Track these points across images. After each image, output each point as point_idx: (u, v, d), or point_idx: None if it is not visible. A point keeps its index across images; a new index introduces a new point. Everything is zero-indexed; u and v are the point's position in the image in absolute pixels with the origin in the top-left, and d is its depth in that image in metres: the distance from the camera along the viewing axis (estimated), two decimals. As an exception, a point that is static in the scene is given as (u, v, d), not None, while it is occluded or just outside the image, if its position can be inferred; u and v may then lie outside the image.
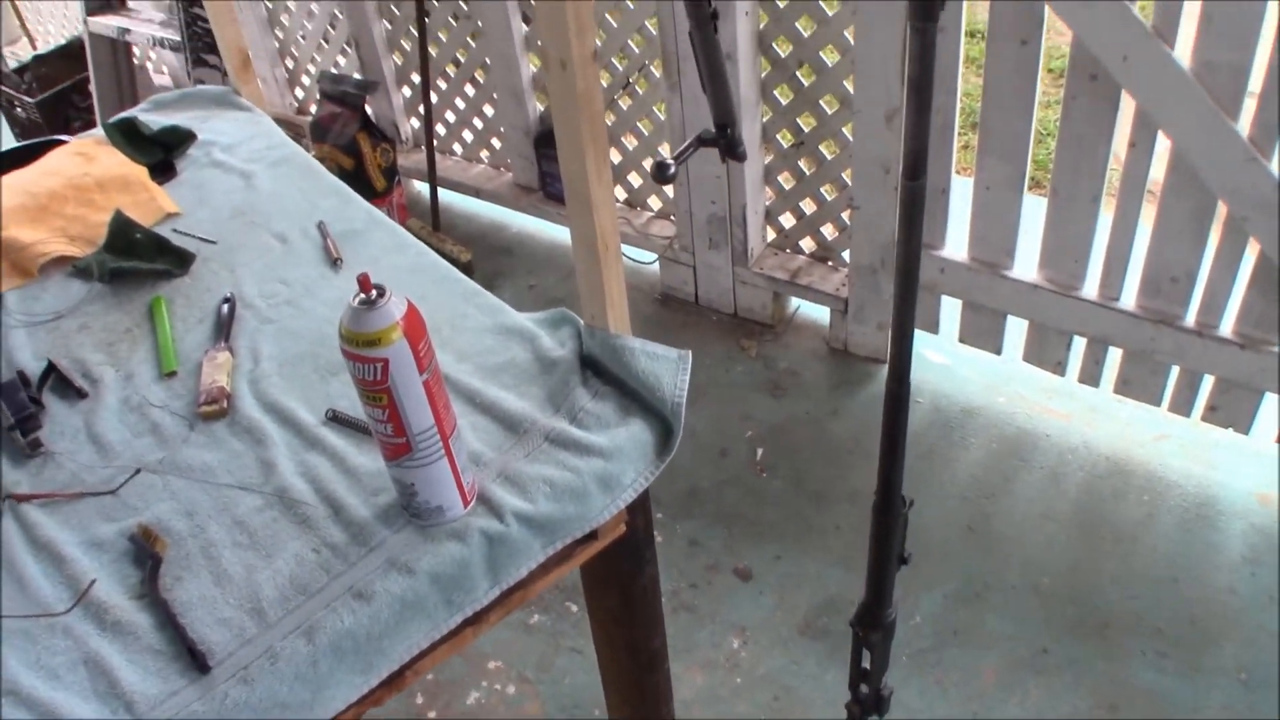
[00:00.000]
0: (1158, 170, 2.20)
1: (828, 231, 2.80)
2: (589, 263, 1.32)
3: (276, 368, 1.57)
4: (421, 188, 3.45)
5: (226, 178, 2.02)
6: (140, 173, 2.06)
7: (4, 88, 4.06)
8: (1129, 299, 2.41)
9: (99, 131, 2.22)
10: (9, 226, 1.96)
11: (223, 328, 1.65)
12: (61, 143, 2.23)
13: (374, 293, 1.14)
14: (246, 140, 2.10)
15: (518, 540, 1.29)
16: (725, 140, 1.31)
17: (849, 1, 2.37)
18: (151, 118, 2.23)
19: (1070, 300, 2.45)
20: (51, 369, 1.66)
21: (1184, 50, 2.03)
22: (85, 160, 2.11)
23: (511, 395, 1.44)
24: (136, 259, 1.83)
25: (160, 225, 1.93)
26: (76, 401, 1.60)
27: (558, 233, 3.24)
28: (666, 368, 1.40)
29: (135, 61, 3.62)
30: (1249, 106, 2.03)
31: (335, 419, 1.46)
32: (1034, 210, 2.44)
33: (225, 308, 1.69)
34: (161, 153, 2.11)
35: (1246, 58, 1.97)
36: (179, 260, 1.82)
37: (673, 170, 1.24)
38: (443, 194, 3.23)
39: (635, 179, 3.03)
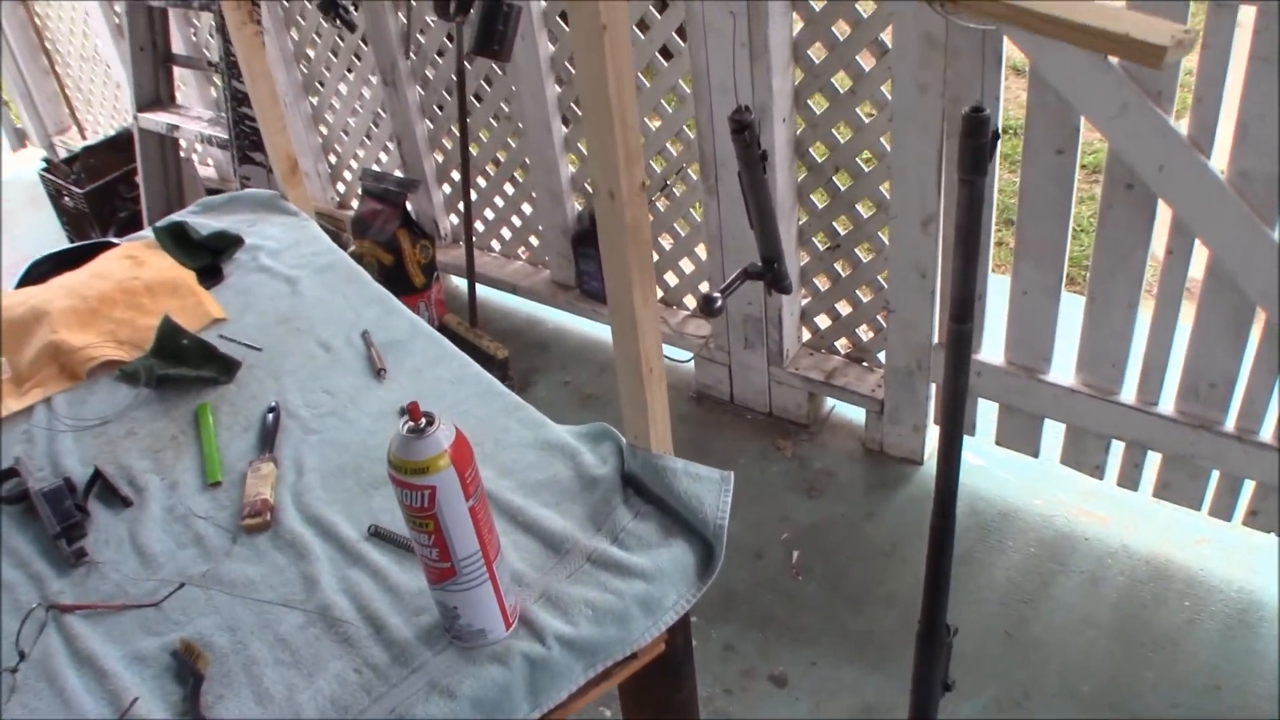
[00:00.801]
0: (1197, 268, 2.20)
1: (863, 333, 2.81)
2: (633, 384, 1.33)
3: (319, 480, 1.58)
4: (460, 283, 3.49)
5: (273, 283, 2.05)
6: (188, 277, 2.10)
7: (53, 177, 4.16)
8: (1168, 403, 2.39)
9: (148, 234, 2.26)
10: (59, 329, 2.00)
11: (267, 438, 1.67)
12: (112, 245, 2.28)
13: (423, 421, 1.15)
14: (292, 245, 2.15)
15: (559, 663, 1.29)
16: (771, 274, 1.33)
17: (885, 109, 2.40)
18: (200, 221, 2.28)
19: (1108, 405, 2.43)
20: (98, 476, 1.68)
21: (1220, 160, 2.04)
22: (135, 264, 2.15)
23: (554, 514, 1.45)
24: (183, 365, 1.86)
25: (207, 330, 1.96)
26: (121, 510, 1.62)
27: (593, 329, 3.27)
28: (709, 489, 1.40)
29: (182, 154, 3.70)
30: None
31: (377, 534, 1.47)
32: (1071, 307, 2.43)
33: (270, 417, 1.71)
34: (209, 257, 2.16)
35: (1282, 167, 1.98)
36: (225, 367, 1.84)
37: (719, 304, 1.25)
38: (480, 289, 3.27)
39: (671, 278, 3.06)
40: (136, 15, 3.36)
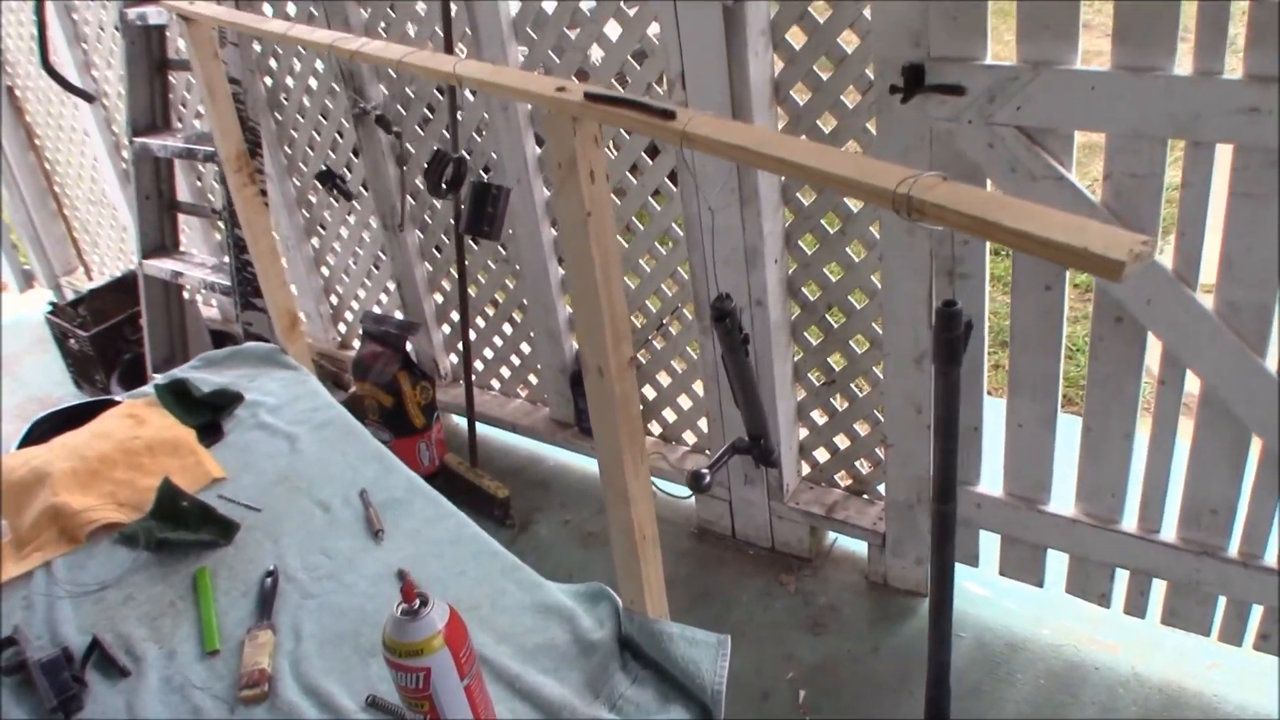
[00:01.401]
0: (1194, 383, 2.21)
1: (862, 465, 2.81)
2: (626, 551, 1.33)
3: (317, 648, 1.58)
4: (460, 421, 3.51)
5: (272, 441, 2.07)
6: (189, 436, 2.12)
7: (59, 320, 4.21)
8: (1170, 531, 2.38)
9: (150, 391, 2.29)
10: (60, 492, 2.02)
11: (265, 603, 1.67)
12: (114, 403, 2.31)
13: (416, 602, 1.16)
14: (292, 401, 2.17)
15: (559, 839, 1.27)
16: (759, 450, 1.35)
17: (874, 248, 2.44)
18: (202, 376, 2.31)
19: (1110, 534, 2.43)
20: (95, 645, 1.68)
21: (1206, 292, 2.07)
22: (136, 423, 2.18)
23: (551, 680, 1.44)
24: (183, 528, 1.87)
25: (207, 491, 1.97)
26: (119, 680, 1.62)
27: (592, 465, 3.27)
28: (706, 654, 1.39)
29: (186, 295, 3.76)
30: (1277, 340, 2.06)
31: (375, 705, 1.46)
32: (1069, 428, 2.43)
33: (268, 581, 1.72)
34: (210, 414, 2.18)
35: (1269, 297, 2.00)
36: (224, 530, 1.85)
37: (708, 480, 1.27)
38: (480, 427, 3.29)
39: (670, 414, 3.08)
40: (143, 165, 3.44)
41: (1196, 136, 1.92)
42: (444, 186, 2.48)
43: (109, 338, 4.06)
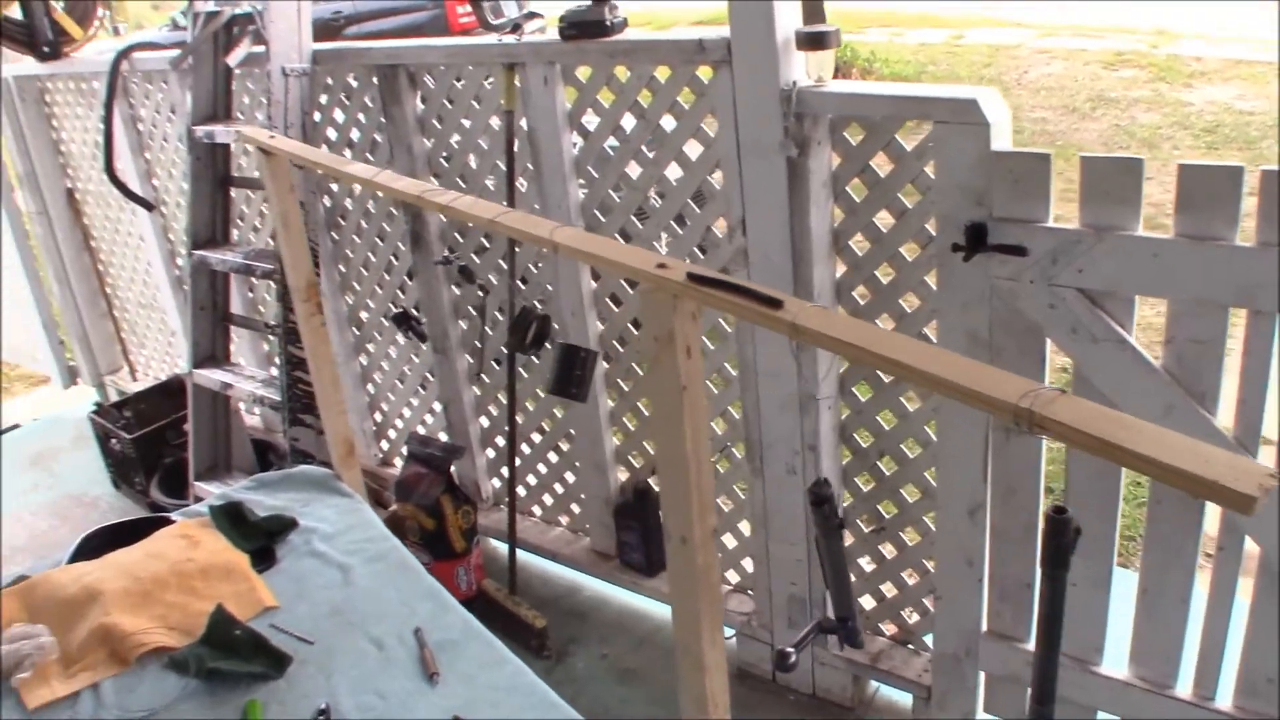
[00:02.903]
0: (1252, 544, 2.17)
1: (909, 614, 2.77)
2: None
3: (369, 796, 1.55)
4: (498, 545, 3.50)
5: (326, 570, 2.07)
6: (242, 561, 2.12)
7: (103, 420, 4.25)
8: (1225, 699, 2.33)
9: (204, 511, 2.30)
10: (111, 611, 2.01)
11: (317, 745, 1.65)
12: (167, 521, 2.31)
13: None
14: (346, 530, 2.17)
15: None
16: (845, 630, 1.33)
17: (929, 399, 2.45)
18: (254, 498, 2.31)
19: (1164, 699, 2.37)
20: (141, 779, 1.66)
21: (1267, 458, 2.06)
22: (189, 544, 2.18)
23: None
24: (234, 658, 1.86)
25: (258, 619, 1.96)
26: (164, 819, 1.59)
27: (632, 599, 3.24)
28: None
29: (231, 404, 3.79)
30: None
31: None
32: (1122, 584, 2.39)
33: (320, 721, 1.70)
34: (264, 539, 2.18)
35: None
36: (276, 663, 1.84)
37: (794, 660, 1.26)
38: (519, 553, 3.27)
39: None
40: (200, 276, 3.51)
41: (1258, 305, 1.93)
42: (527, 343, 2.54)
43: (152, 441, 4.08)
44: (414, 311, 3.05)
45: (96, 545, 2.29)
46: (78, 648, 1.97)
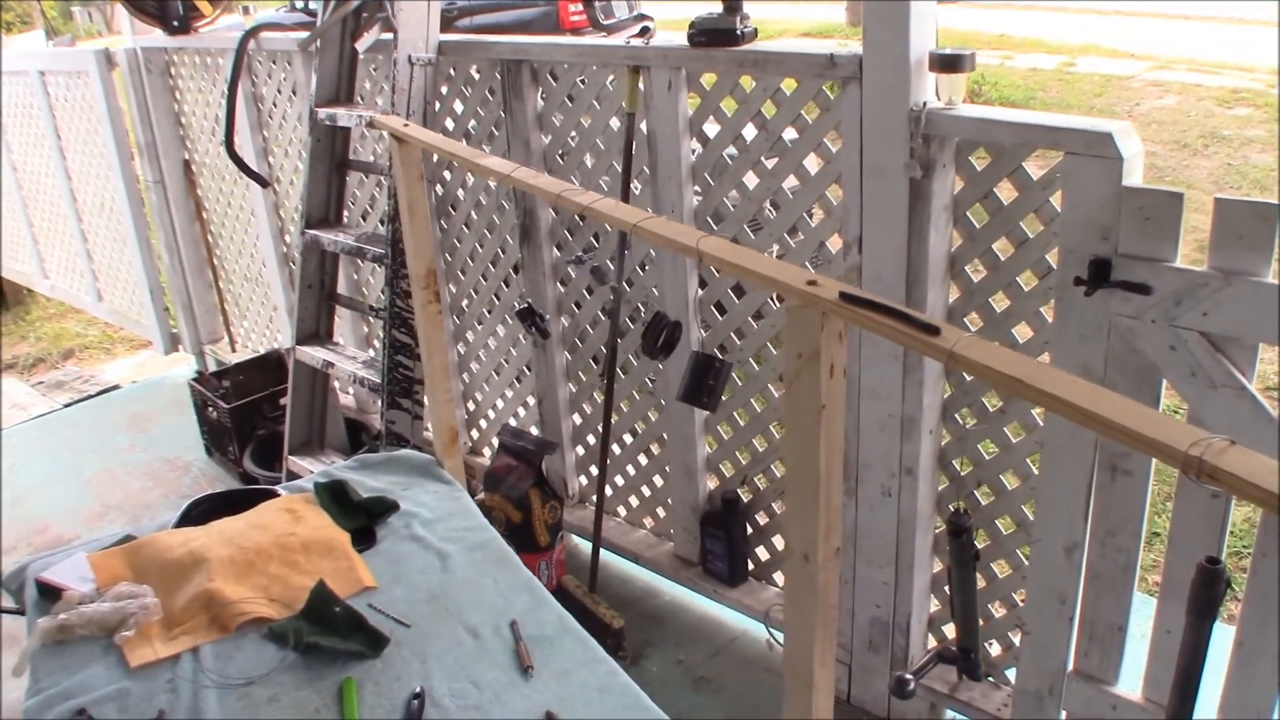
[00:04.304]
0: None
1: (992, 646, 2.73)
2: (800, 740, 1.31)
3: (462, 783, 1.57)
4: (579, 543, 3.52)
5: (424, 555, 2.09)
6: (343, 539, 2.16)
7: (202, 388, 4.34)
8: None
9: (308, 487, 2.34)
10: (215, 578, 2.06)
11: (411, 728, 1.67)
12: (272, 494, 2.36)
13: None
14: (445, 517, 2.19)
15: None
16: (966, 663, 1.32)
17: (1033, 432, 2.41)
18: (357, 478, 2.35)
19: (1256, 760, 2.31)
20: (239, 743, 1.69)
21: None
22: (293, 518, 2.22)
23: None
24: (333, 634, 1.89)
25: (357, 598, 1.99)
26: (260, 785, 1.62)
27: (711, 608, 3.24)
28: None
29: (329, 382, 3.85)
30: None
31: None
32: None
33: (414, 704, 1.72)
34: (365, 519, 2.21)
35: None
36: (373, 642, 1.86)
37: (911, 687, 1.25)
38: (601, 551, 3.28)
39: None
40: (310, 255, 3.57)
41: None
42: (658, 347, 2.56)
43: (247, 412, 4.17)
44: (539, 310, 3.08)
45: (202, 512, 2.34)
46: (180, 611, 2.01)
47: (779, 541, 3.04)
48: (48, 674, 1.87)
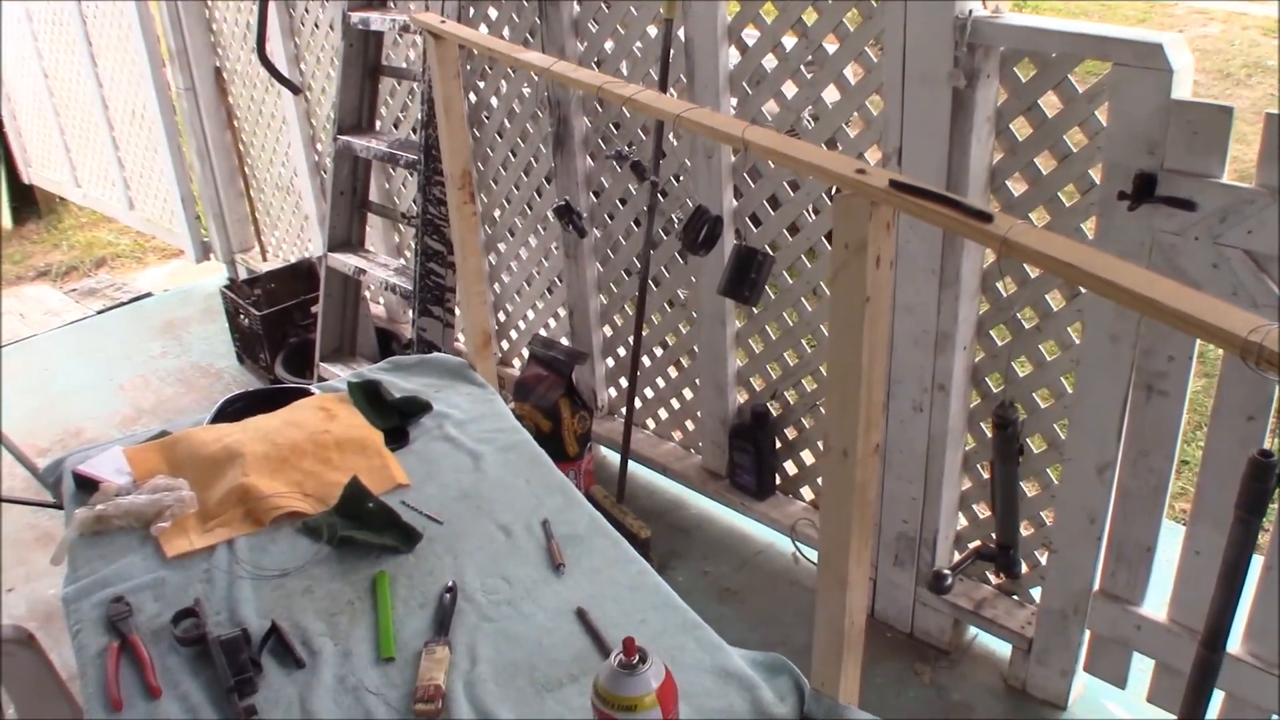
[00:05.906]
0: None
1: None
2: (832, 636, 1.32)
3: (493, 673, 1.59)
4: (608, 454, 3.53)
5: (456, 455, 2.10)
6: (376, 438, 2.17)
7: (234, 296, 4.36)
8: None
9: (341, 386, 2.35)
10: (250, 473, 2.08)
11: (443, 619, 1.69)
12: (305, 392, 2.37)
13: (636, 657, 1.16)
14: (478, 418, 2.20)
15: None
16: (1004, 560, 1.32)
17: (1069, 350, 2.39)
18: (389, 379, 2.36)
19: (1272, 677, 2.32)
20: (274, 630, 1.71)
21: None
22: (327, 416, 2.23)
23: (731, 749, 1.43)
24: (366, 529, 1.91)
25: (390, 495, 2.01)
26: (294, 670, 1.65)
27: (738, 520, 3.26)
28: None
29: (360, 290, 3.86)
30: None
31: (549, 742, 1.47)
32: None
33: (447, 597, 1.74)
34: (398, 419, 2.22)
35: None
36: (406, 537, 1.88)
37: (949, 582, 1.25)
38: (629, 464, 3.30)
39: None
40: (342, 162, 3.56)
41: None
42: (699, 242, 2.54)
43: (279, 320, 4.19)
44: (577, 208, 3.05)
45: (236, 409, 2.36)
46: (215, 504, 2.04)
47: (807, 456, 3.04)
48: (85, 563, 1.90)
